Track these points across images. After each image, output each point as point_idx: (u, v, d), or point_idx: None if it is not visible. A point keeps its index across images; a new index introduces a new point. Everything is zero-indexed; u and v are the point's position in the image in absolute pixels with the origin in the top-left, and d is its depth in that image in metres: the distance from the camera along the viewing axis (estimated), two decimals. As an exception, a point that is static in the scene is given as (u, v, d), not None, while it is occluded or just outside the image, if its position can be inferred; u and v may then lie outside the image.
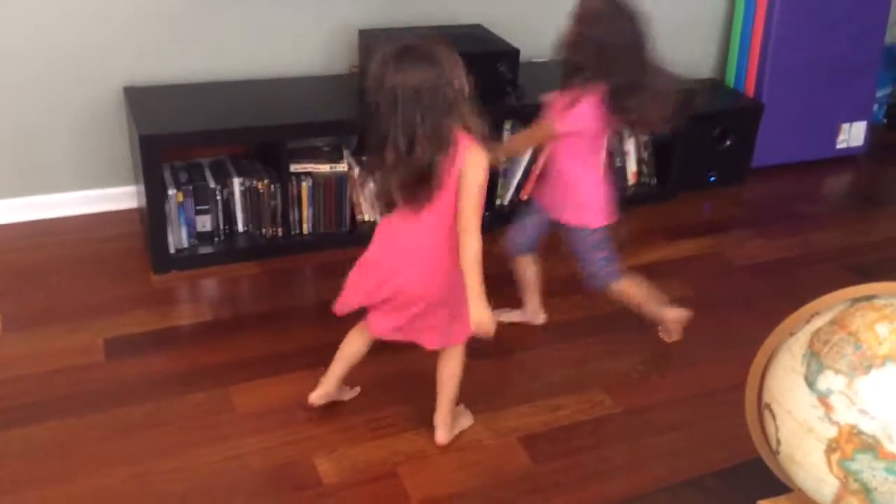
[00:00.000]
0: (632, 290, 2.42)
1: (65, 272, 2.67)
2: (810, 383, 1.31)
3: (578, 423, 2.21)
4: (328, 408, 2.17)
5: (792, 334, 1.39)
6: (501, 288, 2.29)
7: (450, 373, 2.07)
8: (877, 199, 3.72)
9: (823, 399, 1.31)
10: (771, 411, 1.36)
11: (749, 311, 2.75)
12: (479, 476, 2.02)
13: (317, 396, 2.14)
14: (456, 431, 2.12)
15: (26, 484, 1.92)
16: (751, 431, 1.38)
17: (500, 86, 2.94)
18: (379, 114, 1.78)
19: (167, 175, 2.74)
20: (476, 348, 2.10)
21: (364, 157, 1.93)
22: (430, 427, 2.11)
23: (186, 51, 2.91)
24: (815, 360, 1.32)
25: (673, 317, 2.52)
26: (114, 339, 2.38)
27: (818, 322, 1.38)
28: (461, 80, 1.80)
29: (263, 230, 2.84)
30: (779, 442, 1.34)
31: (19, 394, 2.16)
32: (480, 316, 1.80)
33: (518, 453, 2.09)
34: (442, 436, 2.09)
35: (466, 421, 2.17)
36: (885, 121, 4.30)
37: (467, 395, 2.23)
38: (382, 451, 2.06)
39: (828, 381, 1.32)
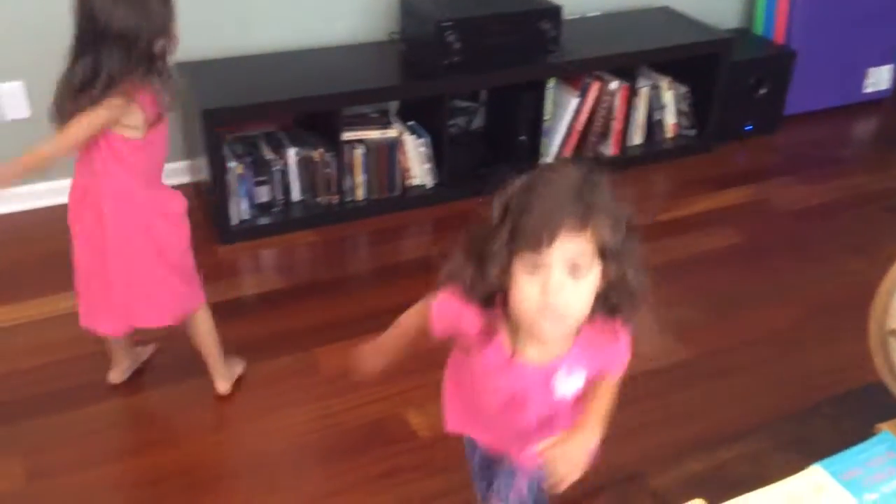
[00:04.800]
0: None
1: (129, 249, 2.70)
2: (944, 304, 1.37)
3: (653, 370, 2.27)
4: (411, 364, 2.23)
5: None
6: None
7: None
8: (906, 141, 3.77)
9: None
10: (900, 336, 1.43)
11: (800, 255, 2.81)
12: (568, 422, 2.08)
13: (116, 375, 2.15)
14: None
15: (132, 452, 2.00)
16: (874, 358, 1.45)
17: (543, 44, 2.97)
18: (79, 27, 1.71)
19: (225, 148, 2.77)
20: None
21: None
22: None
23: (228, 25, 2.91)
24: (947, 283, 1.38)
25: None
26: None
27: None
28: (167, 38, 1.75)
29: (318, 198, 2.88)
30: (909, 364, 1.42)
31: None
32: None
33: (601, 399, 2.15)
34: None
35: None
36: (906, 63, 4.33)
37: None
38: (470, 404, 2.12)
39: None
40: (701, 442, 2.02)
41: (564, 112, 3.16)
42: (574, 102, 3.13)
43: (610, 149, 3.27)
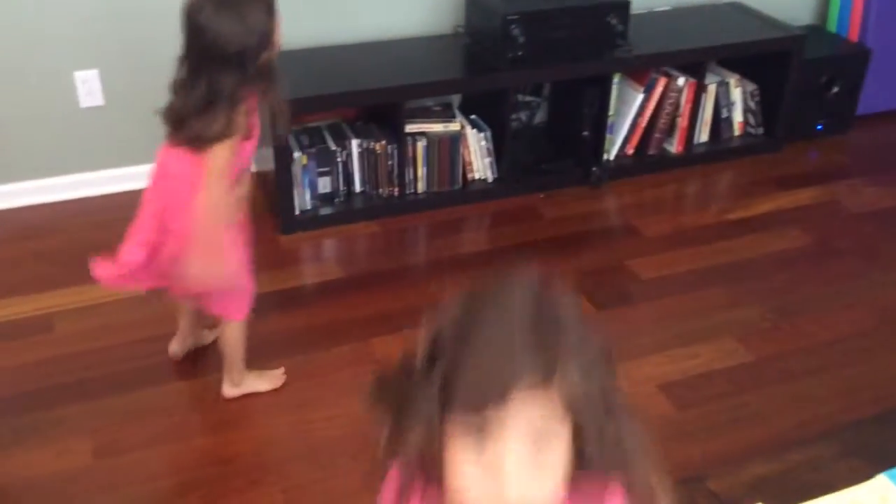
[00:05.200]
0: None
1: (195, 235, 2.76)
2: None
3: (714, 371, 2.24)
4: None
5: None
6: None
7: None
8: None
9: None
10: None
11: (869, 259, 2.73)
12: (626, 422, 2.06)
13: (176, 346, 2.21)
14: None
15: (196, 432, 2.05)
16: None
17: (610, 38, 2.93)
18: (187, 43, 1.73)
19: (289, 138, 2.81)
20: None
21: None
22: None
23: (293, 18, 2.91)
24: None
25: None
26: (255, 297, 2.46)
27: None
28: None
29: (380, 190, 2.90)
30: None
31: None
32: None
33: (660, 400, 2.13)
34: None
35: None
36: None
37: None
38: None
39: None
40: (764, 446, 1.99)
41: (629, 108, 3.12)
42: (639, 98, 3.09)
43: (675, 146, 3.22)
